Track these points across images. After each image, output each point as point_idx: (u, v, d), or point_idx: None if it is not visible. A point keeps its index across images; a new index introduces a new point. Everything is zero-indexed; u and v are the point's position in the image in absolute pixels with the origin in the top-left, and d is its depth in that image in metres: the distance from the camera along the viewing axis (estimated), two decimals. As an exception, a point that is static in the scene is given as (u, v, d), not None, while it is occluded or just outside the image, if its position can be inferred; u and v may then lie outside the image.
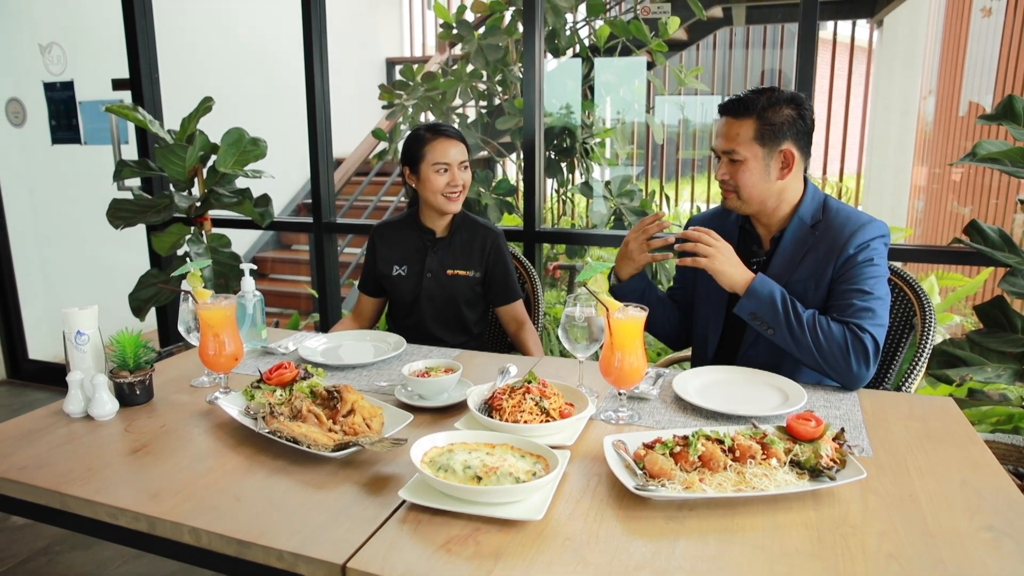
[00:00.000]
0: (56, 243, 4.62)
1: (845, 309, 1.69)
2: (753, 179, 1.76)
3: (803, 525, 1.10)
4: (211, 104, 3.00)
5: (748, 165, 1.76)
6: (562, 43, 4.35)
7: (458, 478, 1.15)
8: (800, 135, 1.76)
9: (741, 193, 1.79)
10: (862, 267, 1.71)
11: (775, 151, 1.75)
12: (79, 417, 1.54)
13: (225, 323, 1.59)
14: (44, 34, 4.24)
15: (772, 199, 1.80)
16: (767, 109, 1.73)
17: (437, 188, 2.17)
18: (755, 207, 1.82)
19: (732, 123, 1.77)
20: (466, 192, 2.23)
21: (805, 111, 1.76)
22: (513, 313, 2.31)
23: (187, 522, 1.13)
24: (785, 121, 1.73)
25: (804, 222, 1.81)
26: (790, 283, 1.79)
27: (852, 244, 1.73)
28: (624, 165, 5.36)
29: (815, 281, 1.77)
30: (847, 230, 1.75)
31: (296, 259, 6.44)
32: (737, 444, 1.22)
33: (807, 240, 1.79)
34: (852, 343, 1.63)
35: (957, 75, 5.43)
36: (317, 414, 1.43)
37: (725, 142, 1.78)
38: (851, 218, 1.78)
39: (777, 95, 1.75)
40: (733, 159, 1.77)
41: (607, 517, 1.13)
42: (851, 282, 1.71)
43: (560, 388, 1.51)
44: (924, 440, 1.40)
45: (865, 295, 1.68)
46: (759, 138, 1.74)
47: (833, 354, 1.64)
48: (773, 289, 1.71)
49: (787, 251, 1.81)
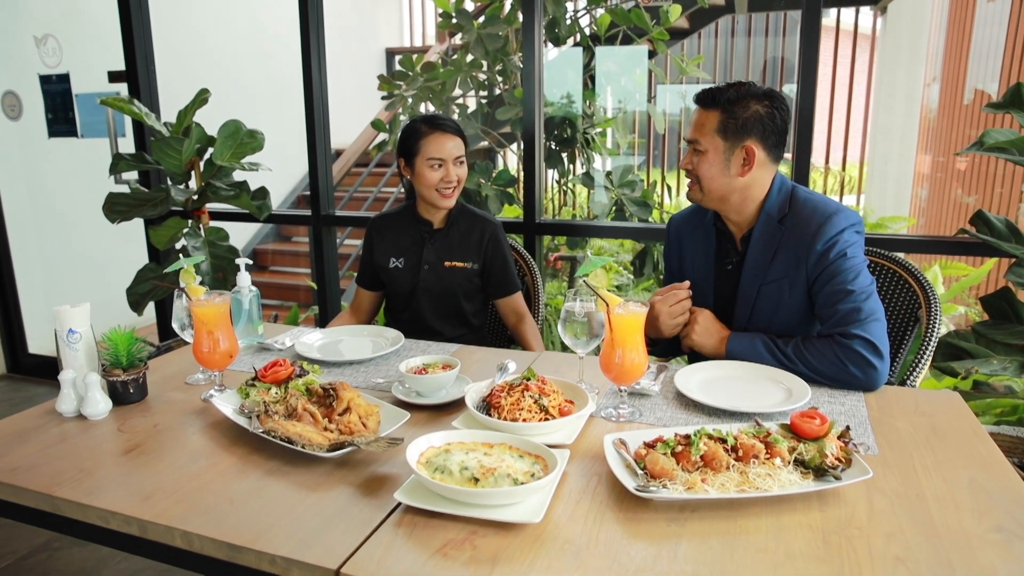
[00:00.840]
0: (54, 237, 4.60)
1: (830, 318, 1.66)
2: (712, 172, 1.74)
3: (808, 527, 1.08)
4: (207, 96, 2.97)
5: (708, 157, 1.74)
6: (562, 32, 4.30)
7: (455, 480, 1.13)
8: (767, 134, 1.72)
9: (702, 184, 1.78)
10: (836, 263, 1.68)
11: (737, 146, 1.72)
12: (72, 416, 1.52)
13: (219, 320, 1.57)
14: (39, 26, 4.21)
15: (735, 194, 1.77)
16: (734, 103, 1.71)
17: (431, 183, 2.14)
18: (715, 201, 1.80)
19: (700, 113, 1.76)
20: (461, 187, 2.19)
21: (777, 110, 1.71)
22: (512, 305, 2.29)
23: (179, 526, 1.11)
24: (751, 117, 1.70)
25: (772, 217, 1.77)
26: (765, 283, 1.77)
27: (820, 240, 1.69)
28: (625, 155, 5.32)
29: (789, 281, 1.75)
30: (814, 223, 1.71)
31: (296, 251, 6.41)
32: (740, 443, 1.20)
33: (776, 236, 1.76)
34: (843, 354, 1.59)
35: (962, 62, 5.37)
36: (312, 412, 1.40)
37: (691, 131, 1.77)
38: (818, 209, 1.73)
39: (748, 89, 1.72)
40: (696, 149, 1.76)
41: (607, 519, 1.10)
42: (830, 283, 1.68)
43: (560, 385, 1.49)
44: (931, 436, 1.38)
45: (847, 295, 1.64)
46: (722, 131, 1.72)
47: (831, 372, 1.61)
48: (747, 344, 1.71)
49: (757, 249, 1.79)
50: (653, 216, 4.27)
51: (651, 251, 4.10)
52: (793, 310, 1.76)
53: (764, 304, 1.78)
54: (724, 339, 1.76)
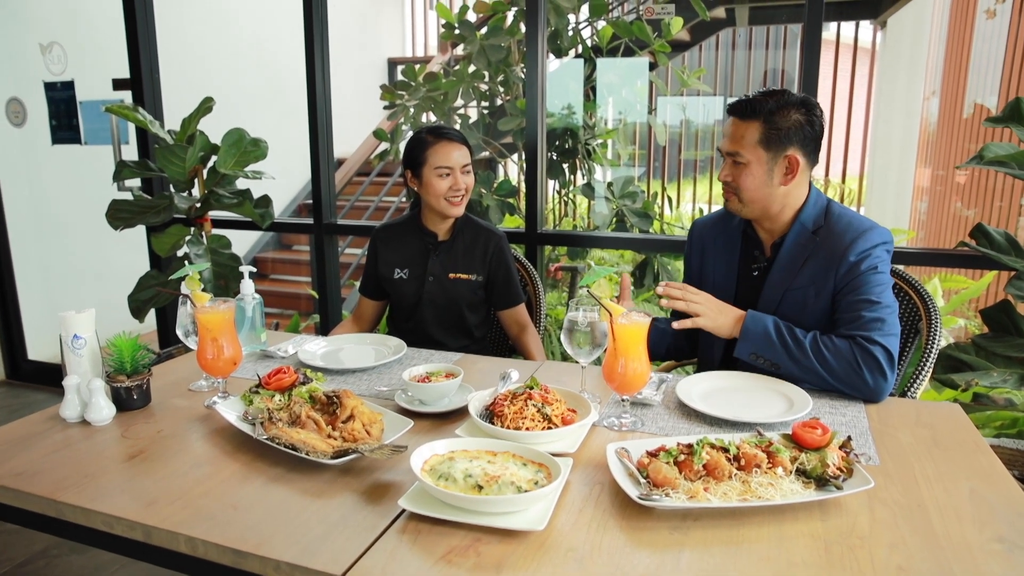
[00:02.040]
0: (56, 243, 4.60)
1: (853, 322, 1.66)
2: (755, 183, 1.74)
3: (810, 536, 1.08)
4: (212, 104, 2.98)
5: (751, 169, 1.73)
6: (564, 44, 4.32)
7: (459, 487, 1.13)
8: (807, 141, 1.73)
9: (742, 196, 1.77)
10: (866, 275, 1.68)
11: (780, 156, 1.72)
12: (75, 422, 1.53)
13: (223, 327, 1.58)
14: (44, 33, 4.23)
15: (775, 204, 1.77)
16: (774, 113, 1.71)
17: (439, 192, 2.15)
18: (756, 211, 1.79)
19: (738, 124, 1.74)
20: (469, 195, 2.21)
21: (814, 117, 1.73)
22: (515, 317, 2.29)
23: (183, 531, 1.11)
24: (792, 126, 1.71)
25: (806, 227, 1.78)
26: (790, 290, 1.77)
27: (853, 251, 1.70)
28: (626, 166, 5.34)
29: (815, 288, 1.75)
30: (848, 236, 1.72)
31: (297, 259, 6.42)
32: (742, 452, 1.20)
33: (808, 246, 1.77)
34: (861, 357, 1.60)
35: (961, 76, 5.40)
36: (316, 420, 1.41)
37: (730, 143, 1.75)
38: (852, 224, 1.75)
39: (787, 98, 1.72)
40: (737, 161, 1.75)
41: (610, 527, 1.11)
42: (857, 292, 1.68)
43: (562, 394, 1.49)
44: (932, 448, 1.38)
45: (873, 305, 1.65)
46: (764, 142, 1.71)
47: (844, 372, 1.61)
48: (766, 322, 1.70)
49: (788, 257, 1.79)
50: (654, 227, 4.28)
51: (651, 262, 4.11)
52: (815, 317, 1.75)
53: (786, 310, 1.78)
54: (740, 317, 1.73)
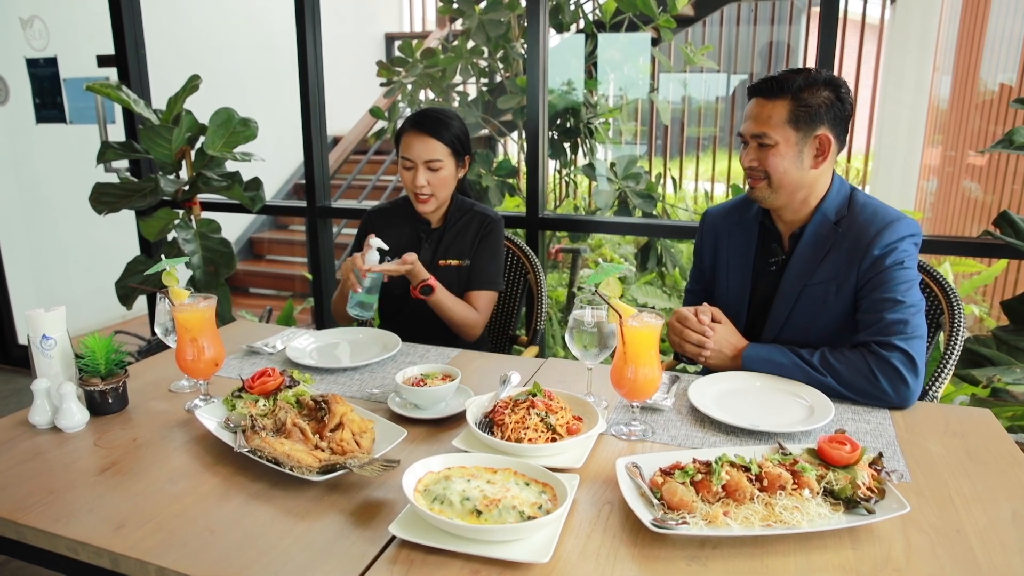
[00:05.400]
0: (45, 225, 4.49)
1: (873, 325, 1.55)
2: (784, 165, 1.61)
3: (841, 568, 0.98)
4: (198, 82, 2.85)
5: (779, 150, 1.60)
6: (566, 18, 4.17)
7: (456, 511, 1.03)
8: (837, 120, 1.60)
9: (772, 180, 1.63)
10: (891, 271, 1.57)
11: (810, 136, 1.60)
12: (45, 428, 1.42)
13: (204, 326, 1.47)
14: (25, 7, 4.07)
15: (803, 190, 1.65)
16: (803, 90, 1.58)
17: (406, 184, 2.04)
18: (784, 198, 1.66)
19: (764, 104, 1.61)
20: (438, 197, 2.04)
21: (844, 94, 1.60)
22: (481, 301, 2.12)
23: (154, 560, 1.01)
24: (823, 103, 1.58)
25: (827, 218, 1.67)
26: (809, 285, 1.66)
27: (878, 245, 1.58)
28: (628, 144, 5.20)
29: (836, 284, 1.64)
30: (873, 228, 1.60)
31: (292, 240, 6.31)
32: (765, 472, 1.10)
33: (829, 238, 1.66)
34: (877, 366, 1.49)
35: (975, 54, 5.24)
36: (302, 428, 1.31)
37: (755, 125, 1.62)
38: (878, 214, 1.63)
39: (815, 76, 1.60)
40: (763, 143, 1.62)
41: (621, 556, 1.01)
42: (880, 290, 1.57)
43: (567, 399, 1.39)
44: (965, 461, 1.28)
45: (896, 305, 1.54)
46: (793, 121, 1.59)
47: (860, 384, 1.51)
48: (764, 355, 1.61)
49: (808, 250, 1.68)
50: (657, 209, 4.16)
51: (655, 245, 3.99)
52: (835, 315, 1.65)
53: (805, 307, 1.67)
54: (739, 352, 1.65)
